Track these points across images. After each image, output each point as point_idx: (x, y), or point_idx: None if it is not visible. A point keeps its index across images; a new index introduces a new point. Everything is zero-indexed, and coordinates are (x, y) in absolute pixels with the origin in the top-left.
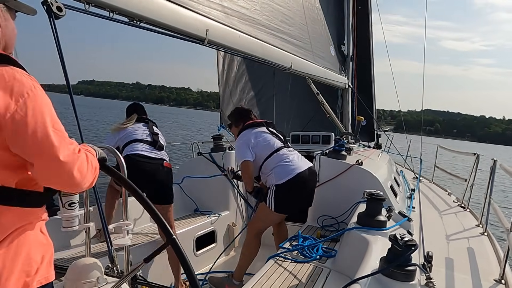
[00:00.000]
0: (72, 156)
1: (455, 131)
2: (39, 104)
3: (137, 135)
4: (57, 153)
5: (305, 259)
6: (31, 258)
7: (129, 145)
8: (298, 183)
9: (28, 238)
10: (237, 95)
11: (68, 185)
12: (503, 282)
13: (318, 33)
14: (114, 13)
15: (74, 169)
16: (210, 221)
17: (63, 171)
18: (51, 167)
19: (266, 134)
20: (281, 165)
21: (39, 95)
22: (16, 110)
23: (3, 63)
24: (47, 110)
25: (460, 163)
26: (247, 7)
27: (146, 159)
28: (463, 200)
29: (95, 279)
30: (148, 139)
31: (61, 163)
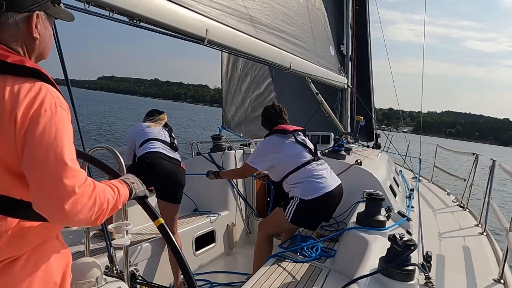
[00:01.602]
0: (72, 189)
1: (477, 134)
2: (55, 123)
3: (154, 135)
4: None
5: (305, 258)
6: (52, 270)
7: (149, 142)
8: (324, 202)
9: (46, 250)
10: (241, 95)
11: (54, 215)
12: (502, 281)
13: (318, 33)
14: (113, 13)
15: (67, 202)
16: (209, 221)
17: (58, 202)
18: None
19: (295, 145)
20: (310, 181)
21: (58, 114)
22: (30, 127)
23: (35, 77)
24: (64, 133)
25: (459, 163)
26: (248, 6)
27: (167, 158)
28: (462, 200)
29: (95, 279)
30: (167, 140)
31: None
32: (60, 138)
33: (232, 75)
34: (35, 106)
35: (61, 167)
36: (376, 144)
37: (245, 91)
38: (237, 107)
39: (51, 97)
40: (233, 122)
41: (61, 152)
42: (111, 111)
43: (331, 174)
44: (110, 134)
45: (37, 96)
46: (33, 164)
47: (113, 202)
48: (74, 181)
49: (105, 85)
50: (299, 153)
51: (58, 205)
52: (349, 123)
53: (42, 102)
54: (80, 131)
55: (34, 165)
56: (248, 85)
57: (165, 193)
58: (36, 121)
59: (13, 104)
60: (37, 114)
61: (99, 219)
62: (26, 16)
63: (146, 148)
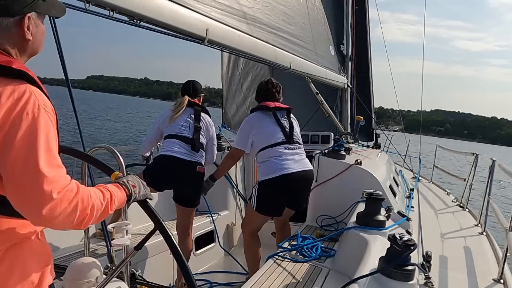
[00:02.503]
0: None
1: (466, 132)
2: (36, 128)
3: (177, 129)
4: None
5: (304, 258)
6: (29, 270)
7: (167, 141)
8: (281, 184)
9: (24, 248)
10: (242, 94)
11: (31, 218)
12: (502, 281)
13: (318, 32)
14: (114, 12)
15: (44, 207)
16: (209, 221)
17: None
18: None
19: (272, 124)
20: (270, 161)
21: (40, 118)
22: (9, 130)
23: (21, 79)
24: (44, 137)
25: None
26: (249, 6)
27: (181, 163)
28: (462, 200)
29: (94, 279)
30: (188, 135)
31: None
32: (39, 143)
33: (233, 74)
34: (17, 109)
35: (39, 173)
36: (376, 144)
37: (246, 90)
38: (237, 106)
39: (35, 99)
40: (233, 121)
41: (39, 158)
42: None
43: (301, 160)
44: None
45: (21, 98)
46: (12, 169)
47: (101, 207)
48: (52, 186)
49: (94, 84)
50: (273, 133)
51: (36, 210)
52: (349, 123)
53: (24, 105)
54: (80, 131)
55: (13, 170)
56: (249, 84)
57: (179, 197)
58: (17, 125)
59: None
60: (18, 117)
61: (83, 224)
62: (17, 19)
63: (163, 150)
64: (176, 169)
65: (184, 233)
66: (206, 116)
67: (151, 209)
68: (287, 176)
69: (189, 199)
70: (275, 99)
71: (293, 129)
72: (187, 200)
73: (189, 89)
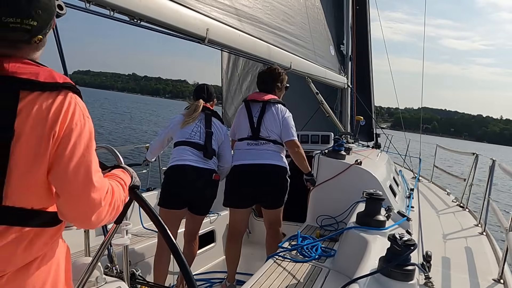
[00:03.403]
0: (99, 202)
1: (452, 130)
2: (84, 137)
3: (187, 134)
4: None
5: (304, 258)
6: (60, 269)
7: (178, 149)
8: (233, 175)
9: (53, 249)
10: (242, 94)
11: (81, 225)
12: (502, 281)
13: (318, 32)
14: (114, 12)
15: (93, 214)
16: (209, 221)
17: (86, 215)
18: (79, 207)
19: (243, 118)
20: (234, 154)
21: (86, 127)
22: (61, 142)
23: (67, 89)
24: (91, 145)
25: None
26: (249, 6)
27: (197, 170)
28: (462, 200)
29: (94, 279)
30: (200, 141)
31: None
32: (89, 152)
33: (232, 74)
34: (67, 121)
35: (89, 182)
36: (376, 144)
37: (245, 90)
38: (237, 107)
39: (80, 110)
40: (233, 121)
41: (89, 167)
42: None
43: (257, 153)
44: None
45: (68, 110)
46: (65, 178)
47: (124, 198)
48: (100, 194)
49: (80, 79)
50: (242, 126)
51: (85, 218)
52: (349, 123)
53: (73, 116)
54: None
55: (66, 179)
56: (249, 84)
57: (192, 205)
58: (68, 136)
59: (52, 121)
60: (69, 128)
61: (115, 217)
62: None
63: (176, 159)
64: (193, 177)
65: (192, 238)
66: (217, 120)
67: (145, 202)
68: (236, 168)
69: (203, 206)
70: (262, 89)
71: (260, 124)
72: (201, 208)
73: (203, 93)
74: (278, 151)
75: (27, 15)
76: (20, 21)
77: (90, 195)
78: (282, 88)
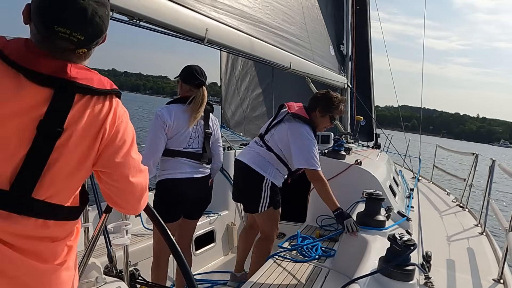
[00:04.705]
0: (146, 185)
1: (431, 128)
2: (129, 132)
3: (185, 142)
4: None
5: (304, 258)
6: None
7: (173, 160)
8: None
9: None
10: (241, 94)
11: (130, 210)
12: (502, 281)
13: (318, 32)
14: (113, 12)
15: (142, 198)
16: (209, 221)
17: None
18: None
19: (269, 119)
20: None
21: (129, 123)
22: (112, 137)
23: (113, 94)
24: (134, 138)
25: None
26: (249, 5)
27: (193, 183)
28: (462, 200)
29: (94, 279)
30: (198, 149)
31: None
32: (134, 145)
33: (231, 74)
34: (115, 121)
35: (138, 170)
36: (375, 144)
37: (244, 91)
38: (236, 107)
39: (122, 109)
40: (232, 121)
41: (138, 157)
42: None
43: (245, 152)
44: None
45: (116, 112)
46: (115, 164)
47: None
48: (145, 179)
49: None
50: (264, 124)
51: (135, 205)
52: (349, 123)
53: (120, 115)
54: None
55: (116, 165)
56: (248, 84)
57: (187, 212)
58: (116, 132)
59: (101, 121)
60: (116, 126)
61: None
62: None
63: (169, 171)
64: (190, 190)
65: (188, 243)
66: (214, 117)
67: (153, 211)
68: (235, 163)
69: (200, 212)
70: (307, 105)
71: (269, 131)
72: (199, 213)
73: (202, 77)
74: (269, 161)
75: (76, 29)
76: (70, 32)
77: (140, 183)
78: (325, 116)
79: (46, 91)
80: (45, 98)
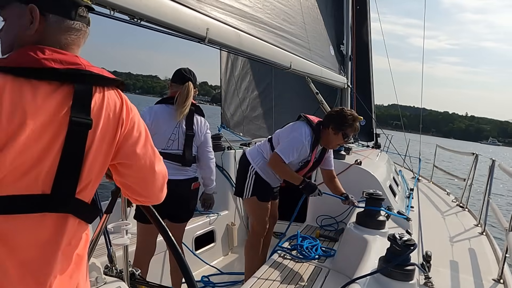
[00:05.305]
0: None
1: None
2: (141, 119)
3: (164, 143)
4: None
5: (304, 258)
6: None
7: None
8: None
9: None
10: (241, 94)
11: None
12: (502, 281)
13: (318, 32)
14: (114, 11)
15: (164, 186)
16: (209, 221)
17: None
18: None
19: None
20: None
21: (138, 113)
22: (129, 127)
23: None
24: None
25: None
26: (250, 5)
27: (173, 184)
28: (462, 200)
29: (94, 279)
30: (178, 151)
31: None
32: (149, 134)
33: (231, 74)
34: (129, 110)
35: (158, 158)
36: (375, 144)
37: (244, 91)
38: (236, 107)
39: (127, 98)
40: (232, 121)
41: (153, 145)
42: None
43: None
44: None
45: (127, 101)
46: (135, 155)
47: None
48: (165, 167)
49: None
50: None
51: (159, 194)
52: None
53: (132, 106)
54: None
55: (136, 156)
56: (248, 84)
57: (171, 215)
58: (132, 122)
59: (119, 110)
60: (131, 115)
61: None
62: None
63: None
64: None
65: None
66: (201, 118)
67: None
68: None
69: (185, 215)
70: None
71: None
72: (182, 217)
73: (190, 75)
74: (263, 151)
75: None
76: None
77: (160, 171)
78: (338, 134)
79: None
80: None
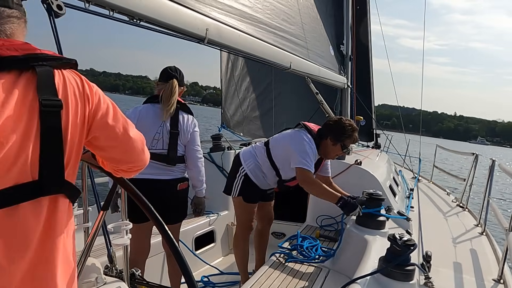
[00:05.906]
0: (141, 137)
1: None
2: (102, 93)
3: (148, 143)
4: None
5: (304, 258)
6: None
7: None
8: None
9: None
10: (241, 94)
11: (140, 163)
12: (502, 281)
13: (318, 32)
14: (114, 12)
15: (145, 149)
16: (209, 221)
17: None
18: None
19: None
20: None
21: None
22: (94, 98)
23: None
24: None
25: None
26: (249, 5)
27: (158, 184)
28: (462, 200)
29: (94, 279)
30: (162, 151)
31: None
32: (115, 104)
33: (231, 74)
34: (91, 86)
35: (131, 125)
36: (375, 144)
37: (244, 91)
38: (236, 107)
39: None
40: (232, 122)
41: (123, 114)
42: None
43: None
44: None
45: (85, 78)
46: (108, 126)
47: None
48: (137, 131)
49: None
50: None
51: (142, 157)
52: None
53: (90, 83)
54: None
55: (109, 126)
56: (248, 84)
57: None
58: (98, 96)
59: (82, 87)
60: (96, 91)
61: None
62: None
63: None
64: (155, 193)
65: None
66: (188, 116)
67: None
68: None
69: (174, 217)
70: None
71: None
72: (172, 218)
73: (175, 73)
74: (257, 154)
75: None
76: None
77: (133, 132)
78: (337, 145)
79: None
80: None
